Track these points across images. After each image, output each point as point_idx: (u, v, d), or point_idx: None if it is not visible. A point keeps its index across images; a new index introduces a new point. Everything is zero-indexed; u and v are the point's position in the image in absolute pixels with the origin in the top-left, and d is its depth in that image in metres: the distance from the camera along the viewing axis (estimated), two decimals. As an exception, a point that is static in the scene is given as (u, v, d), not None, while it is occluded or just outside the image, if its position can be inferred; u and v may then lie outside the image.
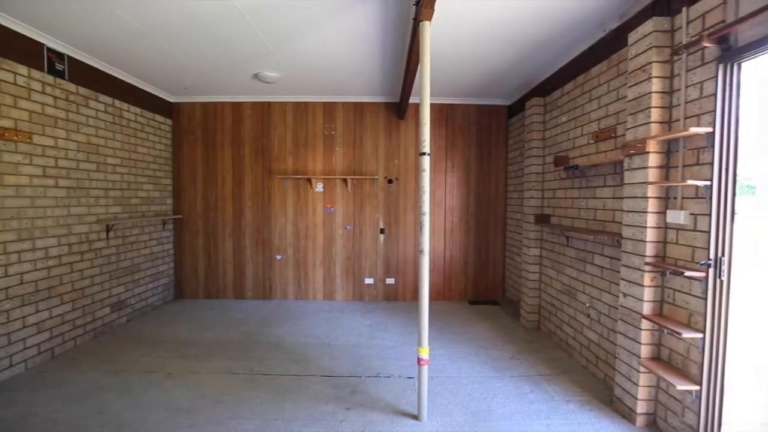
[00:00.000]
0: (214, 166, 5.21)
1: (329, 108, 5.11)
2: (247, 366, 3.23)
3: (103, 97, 3.95)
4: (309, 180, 5.13)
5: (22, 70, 3.09)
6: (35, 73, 3.20)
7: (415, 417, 2.54)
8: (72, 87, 3.57)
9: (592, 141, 3.21)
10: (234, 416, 2.51)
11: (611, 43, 2.96)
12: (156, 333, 3.99)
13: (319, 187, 5.15)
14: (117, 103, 4.15)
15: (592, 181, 3.19)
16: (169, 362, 3.30)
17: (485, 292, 5.28)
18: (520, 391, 2.88)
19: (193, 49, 3.49)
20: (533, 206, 4.13)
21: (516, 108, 4.91)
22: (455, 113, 5.14)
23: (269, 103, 5.12)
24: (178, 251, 5.30)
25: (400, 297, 5.22)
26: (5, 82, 2.95)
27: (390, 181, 5.15)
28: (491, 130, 5.18)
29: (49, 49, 3.31)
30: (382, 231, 5.18)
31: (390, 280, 5.20)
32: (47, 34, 3.20)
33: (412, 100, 4.76)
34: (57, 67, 3.39)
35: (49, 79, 3.33)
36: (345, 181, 5.11)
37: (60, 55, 3.41)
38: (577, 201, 3.41)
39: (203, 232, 5.26)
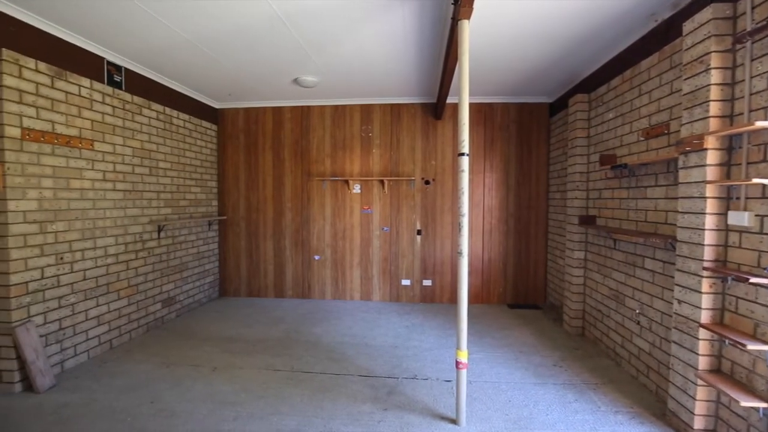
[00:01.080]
0: (256, 169, 5.40)
1: (366, 110, 5.15)
2: (287, 363, 3.32)
3: (155, 105, 4.19)
4: (346, 182, 5.20)
5: (86, 82, 3.34)
6: (96, 85, 3.45)
7: (454, 421, 2.50)
8: (128, 96, 3.82)
9: (641, 138, 3.04)
10: (275, 412, 2.58)
11: (663, 34, 2.79)
12: (202, 329, 4.18)
13: (357, 188, 5.21)
14: (167, 110, 4.40)
15: (642, 180, 3.02)
16: (215, 357, 3.45)
17: (525, 295, 5.12)
18: (564, 399, 2.77)
19: (237, 56, 3.63)
20: (577, 207, 3.96)
21: (558, 105, 4.74)
22: (494, 112, 5.03)
23: (308, 107, 5.24)
24: (222, 251, 5.53)
25: (437, 299, 5.18)
26: (71, 94, 3.20)
27: (427, 182, 5.12)
28: (532, 128, 5.02)
29: (109, 62, 3.55)
30: (419, 232, 5.16)
31: (427, 282, 5.17)
32: (107, 49, 3.44)
33: (449, 100, 4.72)
34: (115, 79, 3.64)
35: (108, 90, 3.58)
36: (382, 182, 5.13)
37: (118, 68, 3.66)
38: (626, 201, 3.24)
39: (246, 233, 5.46)
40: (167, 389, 2.87)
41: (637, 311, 3.05)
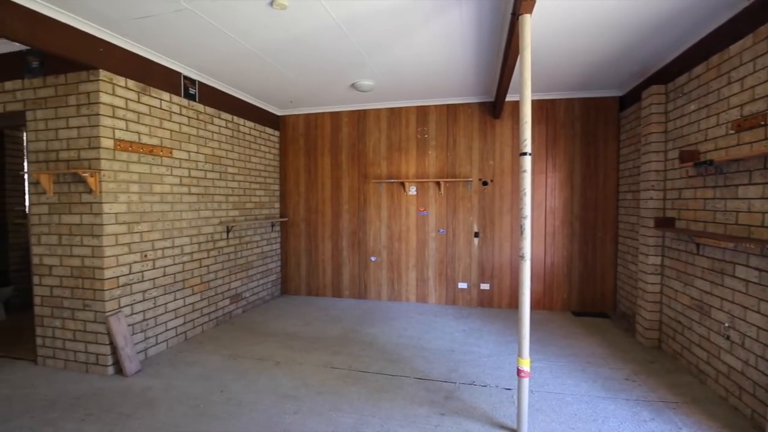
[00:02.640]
0: (315, 172, 5.60)
1: (422, 111, 5.14)
2: (345, 362, 3.39)
3: (224, 115, 4.50)
4: (402, 183, 5.22)
5: (166, 96, 3.67)
6: (175, 98, 3.78)
7: (514, 431, 2.41)
8: (201, 107, 4.14)
9: (731, 131, 2.72)
10: (334, 408, 2.65)
11: (758, 13, 2.48)
12: (266, 325, 4.40)
13: (412, 190, 5.21)
14: (235, 119, 4.70)
15: (732, 178, 2.70)
16: (277, 352, 3.61)
17: (592, 302, 4.80)
18: (638, 417, 2.55)
19: (298, 65, 3.79)
20: (652, 208, 3.64)
21: (629, 99, 4.40)
22: (557, 109, 4.79)
23: (364, 111, 5.34)
24: (284, 251, 5.79)
25: (495, 303, 5.02)
26: (154, 107, 3.54)
27: (485, 183, 4.99)
28: (599, 125, 4.70)
29: (185, 77, 3.88)
30: (476, 234, 5.03)
31: (485, 286, 5.03)
32: (183, 64, 3.76)
33: (508, 98, 4.58)
34: (190, 91, 3.96)
35: (184, 102, 3.91)
36: (438, 184, 5.08)
37: (192, 81, 3.98)
38: (711, 202, 2.92)
39: (305, 234, 5.68)
40: (234, 380, 3.06)
41: (726, 324, 2.74)
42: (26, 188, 4.84)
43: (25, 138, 4.76)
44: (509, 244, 4.94)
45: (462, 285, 5.10)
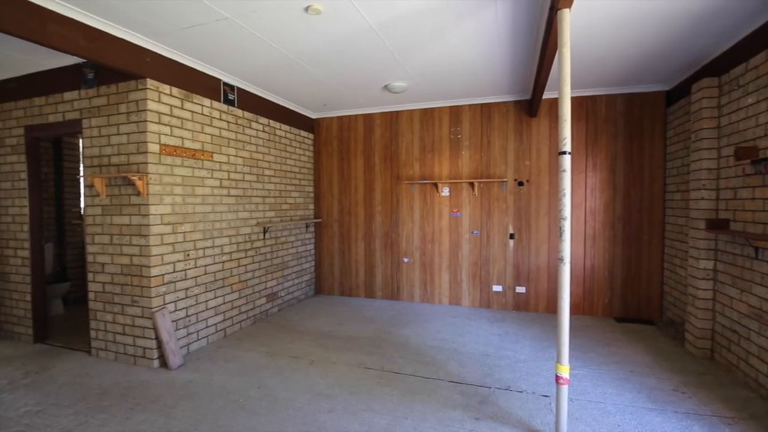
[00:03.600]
0: (348, 174, 5.66)
1: (455, 111, 5.08)
2: (377, 362, 3.40)
3: (261, 119, 4.64)
4: (435, 185, 5.18)
5: (207, 102, 3.83)
6: (215, 104, 3.94)
7: (552, 440, 2.33)
8: (239, 112, 4.28)
9: (795, 125, 2.51)
10: (367, 408, 2.66)
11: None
12: (300, 323, 4.49)
13: (446, 191, 5.16)
14: (271, 123, 4.84)
15: (796, 176, 2.49)
16: (312, 351, 3.68)
17: (636, 308, 4.56)
18: (689, 431, 2.39)
19: (332, 68, 3.85)
20: (704, 209, 3.42)
21: (677, 93, 4.15)
22: (597, 105, 4.59)
23: (397, 112, 5.34)
24: (318, 251, 5.90)
25: (531, 307, 4.88)
26: (196, 113, 3.70)
27: (520, 184, 4.86)
28: (643, 121, 4.47)
29: (225, 83, 4.03)
30: (511, 236, 4.92)
31: (520, 289, 4.90)
32: (223, 71, 3.91)
33: (546, 95, 4.45)
34: (229, 97, 4.12)
35: (224, 107, 4.06)
36: (472, 184, 5.01)
37: (231, 87, 4.13)
38: (772, 202, 2.70)
39: (339, 235, 5.75)
40: (271, 377, 3.14)
41: (790, 335, 2.52)
42: (82, 191, 5.19)
43: (81, 144, 5.11)
44: (546, 247, 4.79)
45: (497, 288, 5.00)
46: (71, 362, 3.43)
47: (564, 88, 2.18)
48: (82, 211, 5.43)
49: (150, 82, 3.24)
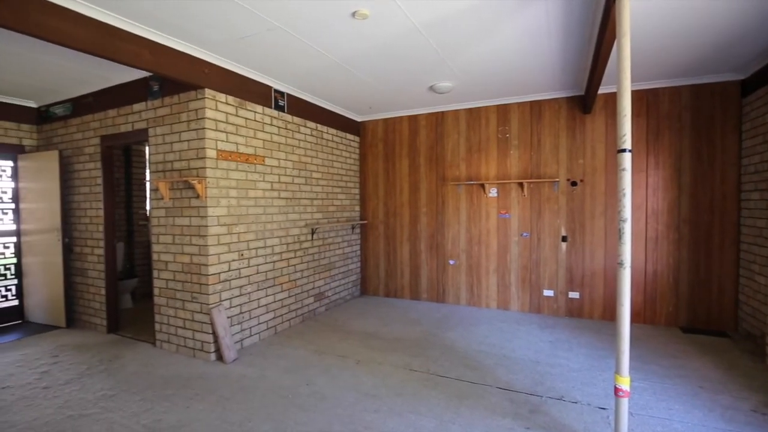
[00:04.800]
0: (393, 175, 5.68)
1: (503, 110, 4.95)
2: (423, 365, 3.38)
3: (309, 123, 4.78)
4: (482, 185, 5.06)
5: (259, 108, 4.01)
6: (266, 110, 4.11)
7: (611, 456, 2.19)
8: (289, 117, 4.44)
9: None
10: (413, 411, 2.65)
11: None
12: (347, 323, 4.57)
13: (493, 192, 5.03)
14: (319, 126, 4.97)
15: None
16: (358, 351, 3.72)
17: (706, 318, 4.18)
18: (771, 456, 2.16)
19: (378, 71, 3.89)
20: (788, 210, 3.07)
21: (754, 82, 3.76)
22: (659, 99, 4.28)
23: (442, 113, 5.29)
24: (363, 252, 5.97)
25: (585, 314, 4.63)
26: (249, 119, 3.88)
27: (574, 184, 4.64)
28: (714, 114, 4.10)
29: (275, 90, 4.20)
30: (564, 239, 4.69)
31: (573, 294, 4.66)
32: (273, 78, 4.07)
33: (601, 90, 4.21)
34: (279, 103, 4.28)
35: (275, 113, 4.23)
36: (521, 185, 4.84)
37: (281, 93, 4.29)
38: None
39: (384, 236, 5.79)
40: (319, 374, 3.22)
41: None
42: (148, 194, 5.62)
43: (147, 151, 5.54)
44: (602, 250, 4.52)
45: (548, 293, 4.79)
46: (138, 352, 3.72)
47: (623, 82, 2.05)
48: (148, 213, 5.88)
49: (208, 92, 3.44)
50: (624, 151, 2.05)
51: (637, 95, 4.29)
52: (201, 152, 3.45)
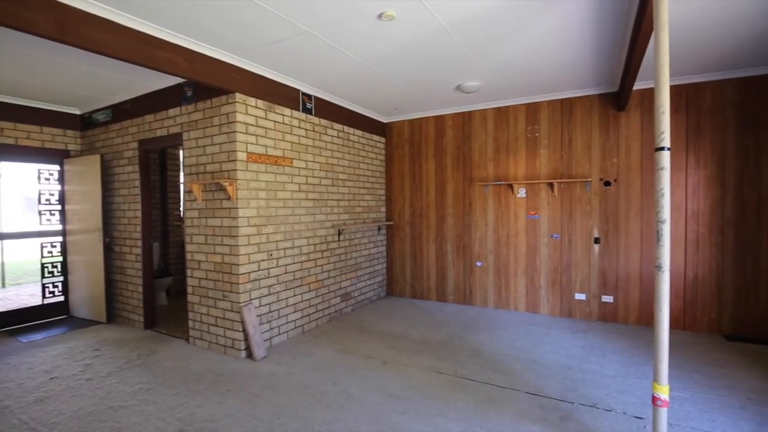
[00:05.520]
0: (419, 176, 5.66)
1: (532, 109, 4.84)
2: (450, 367, 3.34)
3: (336, 125, 4.83)
4: (510, 186, 4.97)
5: (287, 111, 4.09)
6: (295, 113, 4.18)
7: (648, 467, 2.10)
8: (316, 120, 4.50)
9: None
10: (440, 414, 2.62)
11: None
12: (373, 324, 4.58)
13: (522, 192, 4.92)
14: (345, 128, 5.02)
15: None
16: (384, 351, 3.73)
17: (753, 326, 3.94)
18: (828, 475, 2.01)
19: (404, 72, 3.89)
20: None
21: (808, 74, 3.52)
22: (701, 94, 4.07)
23: (469, 112, 5.23)
24: (389, 253, 5.97)
25: (619, 318, 4.45)
26: (278, 122, 3.97)
27: (607, 184, 4.47)
28: (762, 108, 3.86)
29: (303, 93, 4.27)
30: (596, 240, 4.54)
31: (607, 298, 4.50)
32: (301, 82, 4.14)
33: (637, 85, 4.05)
34: (307, 106, 4.34)
35: (302, 116, 4.29)
36: (551, 185, 4.72)
37: (309, 96, 4.36)
38: None
39: (410, 237, 5.77)
40: (345, 374, 3.24)
41: None
42: (182, 196, 5.83)
43: (181, 154, 5.75)
44: (638, 253, 4.34)
45: (579, 296, 4.64)
46: (173, 348, 3.86)
47: (661, 77, 1.96)
48: (182, 214, 6.10)
49: (238, 96, 3.54)
50: (662, 149, 1.96)
51: (675, 90, 4.10)
52: (232, 155, 3.55)
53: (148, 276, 4.52)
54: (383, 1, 2.54)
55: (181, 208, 6.16)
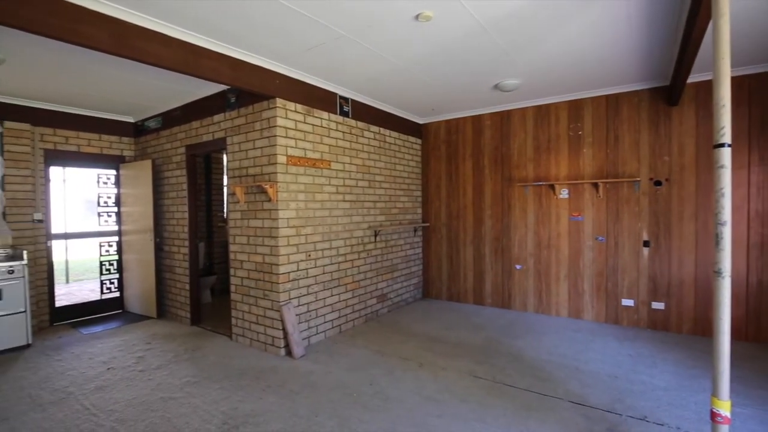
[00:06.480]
0: (456, 177, 5.59)
1: (574, 106, 4.65)
2: (488, 372, 3.27)
3: (372, 128, 4.87)
4: (552, 186, 4.80)
5: (325, 115, 4.16)
6: (332, 116, 4.25)
7: (706, 488, 1.95)
8: (353, 122, 4.56)
9: None
10: (478, 419, 2.57)
11: None
12: (409, 326, 4.56)
13: (564, 193, 4.74)
14: (382, 131, 5.04)
15: None
16: (421, 354, 3.70)
17: (829, 338, 3.58)
18: None
19: (440, 72, 3.86)
20: None
21: None
22: (766, 85, 3.75)
23: (508, 111, 5.11)
24: (425, 255, 5.93)
25: (672, 327, 4.18)
26: (316, 125, 4.05)
27: (658, 183, 4.22)
28: (838, 100, 3.51)
29: (340, 97, 4.33)
30: (646, 244, 4.29)
31: (658, 305, 4.24)
32: (338, 85, 4.20)
33: (692, 78, 3.80)
34: (344, 109, 4.41)
35: (340, 119, 4.36)
36: (595, 185, 4.51)
37: (346, 99, 4.42)
38: None
39: (446, 239, 5.71)
40: (382, 375, 3.25)
41: None
42: (225, 198, 6.08)
43: (225, 158, 6.00)
44: (693, 257, 4.06)
45: (627, 302, 4.40)
46: (217, 344, 4.02)
47: (721, 68, 1.82)
48: (225, 215, 6.35)
49: (279, 101, 3.64)
50: (722, 145, 1.82)
51: (737, 82, 3.79)
52: (272, 158, 3.66)
53: (195, 274, 4.74)
54: (420, 2, 2.54)
55: (225, 210, 6.42)
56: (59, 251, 5.26)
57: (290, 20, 2.74)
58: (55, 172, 4.92)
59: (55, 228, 4.87)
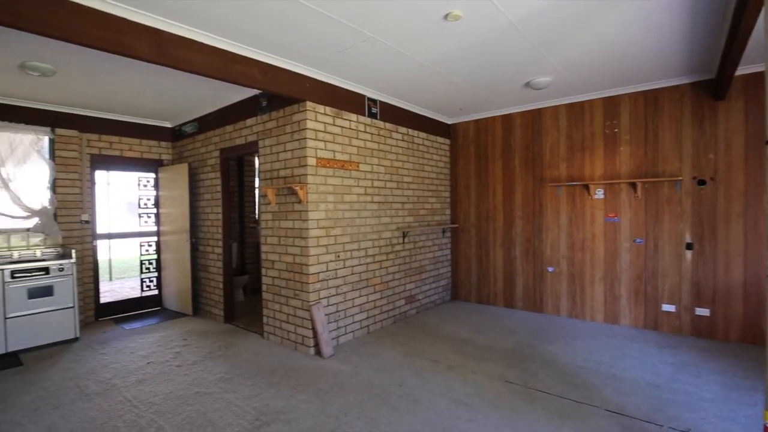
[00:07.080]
0: (486, 178, 5.50)
1: (610, 103, 4.48)
2: (520, 377, 3.19)
3: (401, 129, 4.87)
4: (586, 186, 4.64)
5: (353, 117, 4.20)
6: (360, 118, 4.28)
7: (759, 507, 1.82)
8: (381, 124, 4.57)
9: None
10: (509, 425, 2.51)
11: None
12: (438, 328, 4.53)
13: (599, 193, 4.57)
14: (410, 131, 5.03)
15: None
16: (449, 356, 3.66)
17: None
18: None
19: (469, 72, 3.81)
20: None
21: None
22: (823, 77, 3.48)
23: (539, 110, 4.98)
24: (454, 257, 5.87)
25: (718, 335, 3.94)
26: (344, 127, 4.09)
27: (702, 182, 4.00)
28: None
29: (368, 98, 4.36)
30: (688, 246, 4.07)
31: (702, 311, 4.01)
32: (366, 87, 4.23)
33: (740, 70, 3.59)
34: (372, 111, 4.43)
35: (368, 120, 4.38)
36: (633, 185, 4.33)
37: (374, 101, 4.44)
38: None
39: (476, 241, 5.62)
40: (410, 377, 3.23)
41: None
42: (257, 200, 6.24)
43: (256, 161, 6.15)
44: (741, 260, 3.81)
45: (668, 307, 4.19)
46: (249, 342, 4.13)
47: (774, 59, 1.70)
48: (257, 216, 6.52)
49: (308, 104, 3.70)
50: (776, 141, 1.70)
51: (789, 74, 3.55)
52: (303, 160, 3.72)
53: (228, 274, 4.89)
54: (450, 2, 2.51)
55: (257, 211, 6.59)
56: (103, 250, 5.55)
57: (321, 24, 2.78)
58: (100, 175, 5.21)
59: (100, 228, 5.15)
